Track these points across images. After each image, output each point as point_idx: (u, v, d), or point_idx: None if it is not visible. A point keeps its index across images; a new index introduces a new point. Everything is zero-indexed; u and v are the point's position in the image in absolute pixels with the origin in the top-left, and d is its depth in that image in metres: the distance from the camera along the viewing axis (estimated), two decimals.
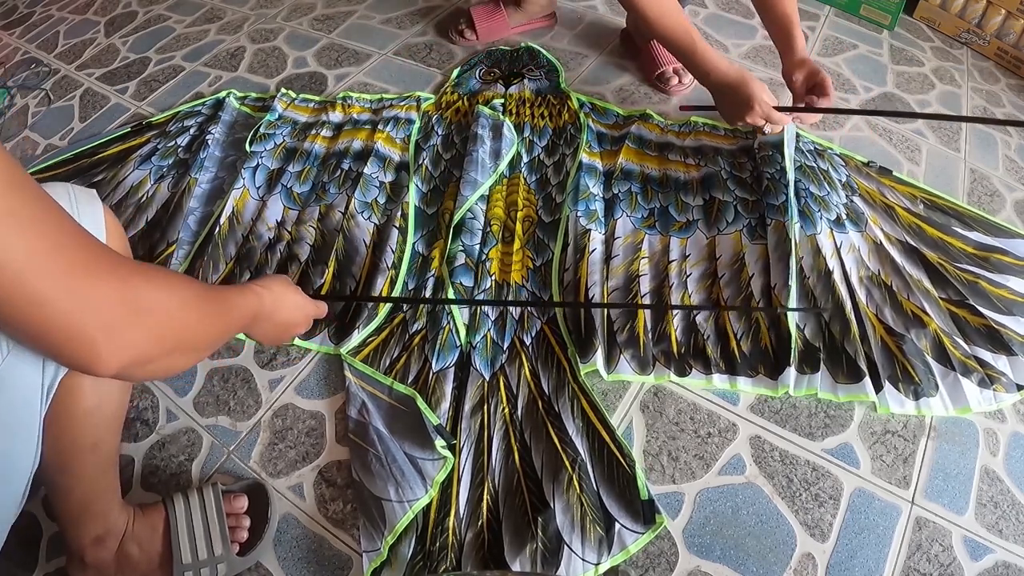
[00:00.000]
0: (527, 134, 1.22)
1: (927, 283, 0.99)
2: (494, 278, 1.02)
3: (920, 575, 0.77)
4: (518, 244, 1.05)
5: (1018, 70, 1.46)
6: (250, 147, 1.20)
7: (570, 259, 1.02)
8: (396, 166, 1.18)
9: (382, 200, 1.12)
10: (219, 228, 1.07)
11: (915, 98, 1.38)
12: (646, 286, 0.99)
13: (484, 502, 0.81)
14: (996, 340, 0.93)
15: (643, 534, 0.78)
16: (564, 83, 1.34)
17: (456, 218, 1.06)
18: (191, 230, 1.09)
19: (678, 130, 1.21)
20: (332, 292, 1.01)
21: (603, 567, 0.76)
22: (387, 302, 0.99)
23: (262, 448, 0.89)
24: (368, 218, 1.09)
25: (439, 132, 1.24)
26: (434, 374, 0.91)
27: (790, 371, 0.89)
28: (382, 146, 1.19)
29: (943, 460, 0.86)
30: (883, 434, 0.87)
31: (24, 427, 0.53)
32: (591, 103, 1.28)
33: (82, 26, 1.66)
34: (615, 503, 0.80)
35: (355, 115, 1.28)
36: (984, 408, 0.89)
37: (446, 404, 0.88)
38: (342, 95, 1.32)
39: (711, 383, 0.91)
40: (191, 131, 1.26)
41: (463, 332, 0.95)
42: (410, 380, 0.91)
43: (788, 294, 0.93)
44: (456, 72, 1.38)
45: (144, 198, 1.14)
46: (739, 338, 0.93)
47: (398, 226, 1.07)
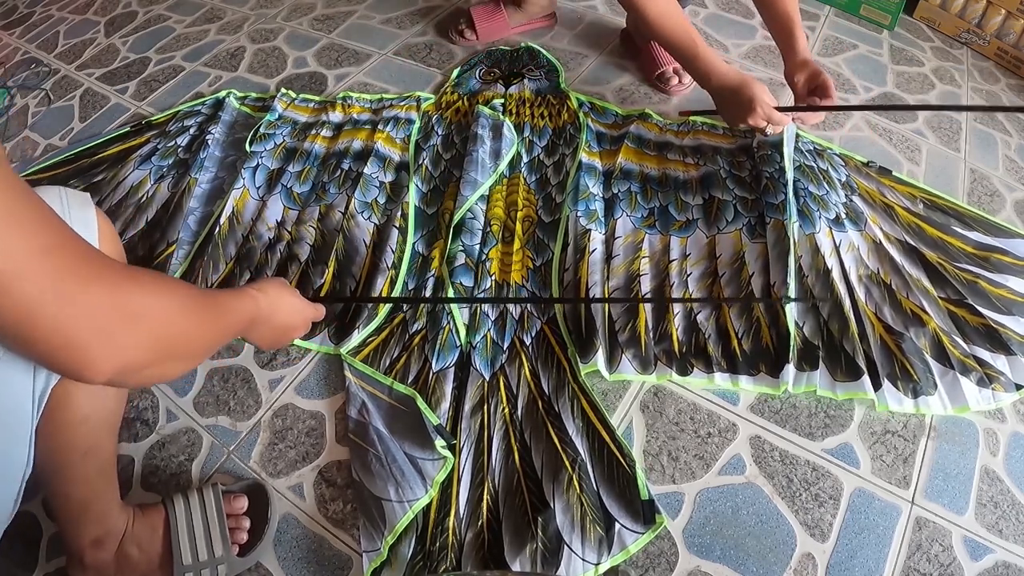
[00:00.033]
0: (527, 134, 1.22)
1: (926, 282, 0.99)
2: (494, 278, 1.02)
3: (920, 575, 0.77)
4: (518, 244, 1.05)
5: (1018, 70, 1.46)
6: (250, 147, 1.20)
7: (570, 259, 1.02)
8: (396, 166, 1.18)
9: (382, 200, 1.12)
10: (219, 228, 1.07)
11: (915, 98, 1.38)
12: (647, 285, 0.99)
13: (484, 502, 0.81)
14: (995, 339, 0.93)
15: (643, 534, 0.78)
16: (564, 83, 1.34)
17: (456, 218, 1.06)
18: (191, 230, 1.09)
19: (677, 129, 1.21)
20: (332, 292, 1.01)
21: (603, 567, 0.76)
22: (386, 302, 0.99)
23: (262, 448, 0.89)
24: (368, 218, 1.09)
25: (439, 132, 1.24)
26: (434, 374, 0.91)
27: (789, 368, 0.89)
28: (382, 146, 1.19)
29: (943, 460, 0.86)
30: (883, 434, 0.87)
31: (16, 434, 0.52)
32: (590, 103, 1.29)
33: (82, 26, 1.66)
34: (615, 503, 0.80)
35: (355, 115, 1.28)
36: (983, 407, 0.89)
37: (446, 404, 0.89)
38: (342, 95, 1.32)
39: (713, 382, 0.91)
40: (191, 131, 1.26)
41: (463, 332, 0.95)
42: (410, 380, 0.91)
43: (787, 292, 0.93)
44: (456, 72, 1.39)
45: (144, 198, 1.14)
46: (740, 337, 0.93)
47: (398, 226, 1.07)
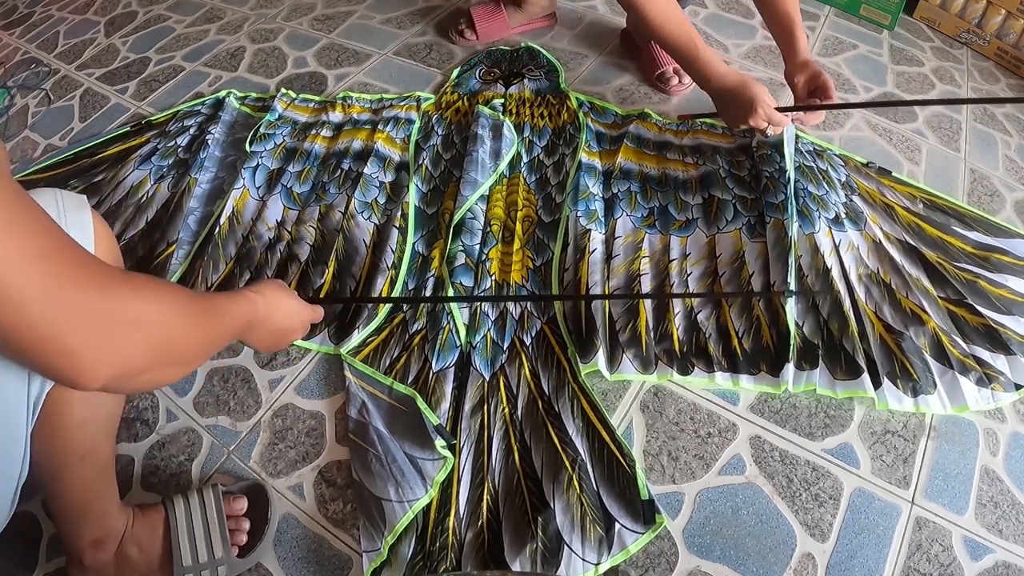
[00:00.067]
0: (527, 134, 1.22)
1: (926, 282, 0.99)
2: (494, 278, 1.02)
3: (920, 575, 0.77)
4: (518, 244, 1.05)
5: (1018, 70, 1.46)
6: (250, 147, 1.20)
7: (570, 259, 1.02)
8: (396, 166, 1.18)
9: (382, 200, 1.12)
10: (219, 228, 1.07)
11: (915, 98, 1.38)
12: (647, 285, 0.99)
13: (484, 502, 0.81)
14: (995, 339, 0.93)
15: (643, 534, 0.78)
16: (564, 83, 1.34)
17: (456, 218, 1.06)
18: (191, 230, 1.09)
19: (676, 129, 1.22)
20: (332, 292, 1.00)
21: (603, 567, 0.76)
22: (385, 303, 0.99)
23: (262, 448, 0.89)
24: (368, 218, 1.09)
25: (439, 132, 1.24)
26: (434, 374, 0.91)
27: (789, 367, 0.89)
28: (382, 146, 1.19)
29: (943, 460, 0.86)
30: (883, 434, 0.87)
31: (10, 439, 0.51)
32: (590, 103, 1.29)
33: (82, 26, 1.66)
34: (615, 503, 0.80)
35: (355, 115, 1.28)
36: (982, 407, 0.89)
37: (446, 404, 0.88)
38: (342, 95, 1.32)
39: (714, 381, 0.91)
40: (191, 131, 1.26)
41: (463, 332, 0.95)
42: (410, 380, 0.91)
43: (787, 289, 0.93)
44: (456, 72, 1.38)
45: (144, 198, 1.14)
46: (741, 336, 0.93)
47: (398, 226, 1.07)
